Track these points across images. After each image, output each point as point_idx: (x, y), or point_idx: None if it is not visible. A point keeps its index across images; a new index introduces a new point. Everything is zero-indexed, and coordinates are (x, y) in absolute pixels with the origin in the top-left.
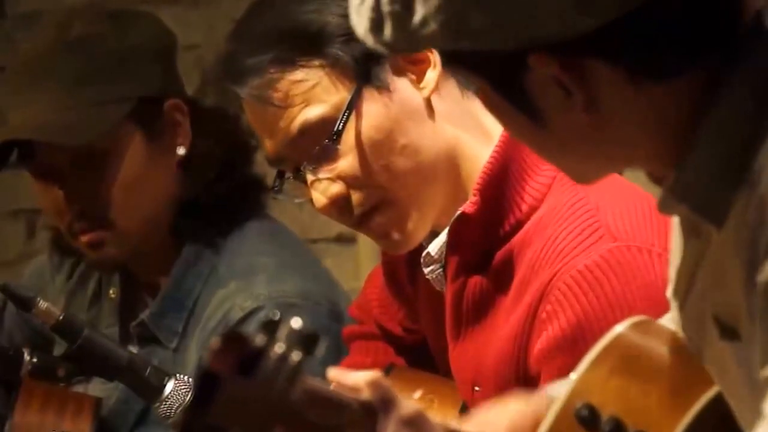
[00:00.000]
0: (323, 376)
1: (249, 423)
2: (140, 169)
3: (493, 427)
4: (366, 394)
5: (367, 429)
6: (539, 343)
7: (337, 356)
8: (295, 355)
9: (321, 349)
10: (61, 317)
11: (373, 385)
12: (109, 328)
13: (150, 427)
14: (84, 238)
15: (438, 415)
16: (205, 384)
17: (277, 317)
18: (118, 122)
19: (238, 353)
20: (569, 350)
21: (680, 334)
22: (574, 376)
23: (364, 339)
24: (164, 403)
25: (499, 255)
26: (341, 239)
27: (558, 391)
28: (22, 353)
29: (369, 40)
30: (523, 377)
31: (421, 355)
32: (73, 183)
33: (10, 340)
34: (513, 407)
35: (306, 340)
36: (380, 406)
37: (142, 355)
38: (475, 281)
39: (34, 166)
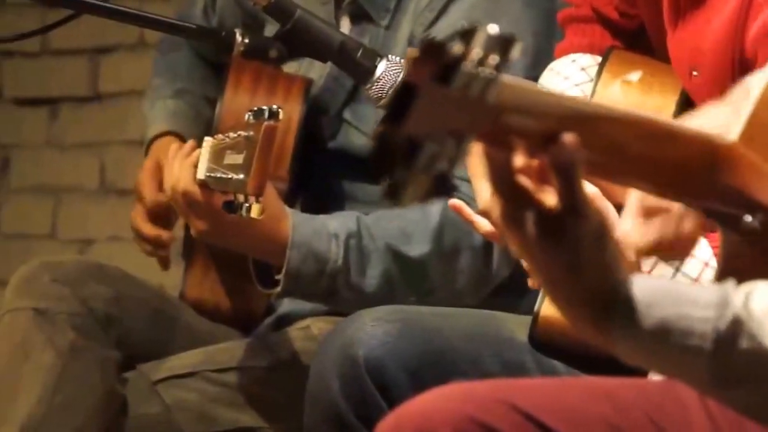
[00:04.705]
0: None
1: (446, 131)
2: None
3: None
4: None
5: None
6: (755, 26)
7: (549, 36)
8: (492, 60)
9: (517, 52)
10: None
11: None
12: (325, 5)
13: (361, 105)
14: None
15: (657, 98)
16: (402, 95)
17: (473, 26)
18: None
19: (435, 62)
20: None
21: None
22: None
23: (581, 21)
24: (376, 83)
25: None
26: None
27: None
28: (234, 34)
29: None
30: (740, 61)
31: (637, 40)
32: None
33: (222, 23)
34: (722, 109)
35: (503, 44)
36: None
37: (354, 36)
38: None
39: None
